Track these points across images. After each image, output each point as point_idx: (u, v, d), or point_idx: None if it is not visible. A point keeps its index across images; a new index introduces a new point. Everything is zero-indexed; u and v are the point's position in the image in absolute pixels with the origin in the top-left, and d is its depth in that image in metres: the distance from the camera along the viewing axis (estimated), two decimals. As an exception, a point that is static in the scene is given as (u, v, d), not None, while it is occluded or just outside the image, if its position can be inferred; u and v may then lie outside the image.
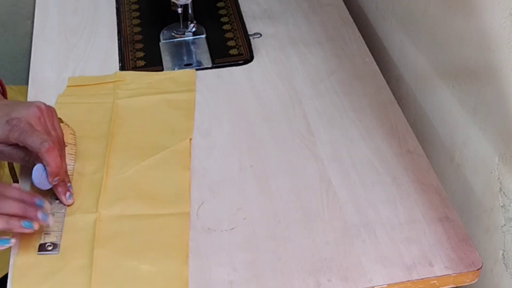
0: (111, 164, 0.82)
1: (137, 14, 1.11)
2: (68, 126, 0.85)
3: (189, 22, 1.04)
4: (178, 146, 0.85)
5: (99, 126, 0.88)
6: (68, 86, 0.95)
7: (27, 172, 0.82)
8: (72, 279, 0.71)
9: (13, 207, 0.72)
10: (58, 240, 0.74)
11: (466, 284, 0.73)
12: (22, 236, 0.73)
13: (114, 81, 0.95)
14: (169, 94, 0.93)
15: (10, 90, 1.14)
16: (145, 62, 1.00)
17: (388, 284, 0.70)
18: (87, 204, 0.78)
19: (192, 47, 1.04)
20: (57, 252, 0.73)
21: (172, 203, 0.78)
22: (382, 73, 0.97)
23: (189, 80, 0.96)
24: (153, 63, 1.00)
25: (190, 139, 0.87)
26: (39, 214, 0.72)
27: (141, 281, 0.70)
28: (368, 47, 1.02)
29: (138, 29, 1.07)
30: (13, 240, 0.72)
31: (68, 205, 0.77)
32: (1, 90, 0.87)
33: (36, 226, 0.72)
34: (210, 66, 1.00)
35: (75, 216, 0.77)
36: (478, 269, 0.72)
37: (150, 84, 0.95)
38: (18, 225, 0.71)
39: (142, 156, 0.84)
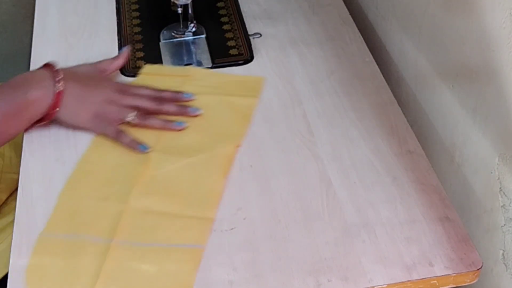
0: (152, 158, 0.83)
1: (137, 14, 1.11)
2: None
3: (189, 22, 1.04)
4: (222, 151, 0.84)
5: None
6: (141, 74, 0.97)
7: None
8: (85, 263, 0.72)
9: (148, 104, 0.87)
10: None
11: (466, 284, 0.73)
12: None
13: (185, 76, 0.96)
14: (232, 97, 0.93)
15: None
16: (145, 62, 1.00)
17: (388, 284, 0.70)
18: (119, 193, 0.79)
19: (192, 47, 1.04)
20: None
21: (198, 206, 0.78)
22: (382, 73, 0.97)
23: (256, 86, 0.95)
24: (153, 63, 1.00)
25: (237, 146, 0.86)
26: (190, 109, 0.89)
27: (148, 281, 0.71)
28: (368, 47, 1.02)
29: (138, 29, 1.07)
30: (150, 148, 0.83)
31: None
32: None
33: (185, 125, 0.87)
34: (210, 66, 1.00)
35: (105, 203, 0.78)
36: (478, 269, 0.72)
37: (217, 84, 0.95)
38: (158, 123, 0.86)
39: (184, 154, 0.84)
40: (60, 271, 0.71)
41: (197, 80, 0.96)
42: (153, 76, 0.97)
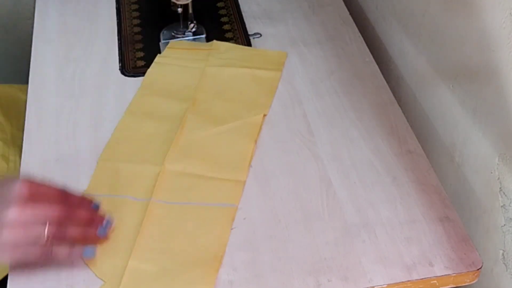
0: (186, 126, 0.87)
1: (137, 14, 1.11)
2: None
3: (189, 22, 1.04)
4: (251, 119, 0.89)
5: (185, 89, 0.93)
6: (168, 48, 1.01)
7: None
8: (125, 219, 0.75)
9: (57, 211, 0.67)
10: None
11: (466, 284, 0.73)
12: None
13: (209, 49, 1.00)
14: (257, 70, 0.97)
15: (12, 88, 1.14)
16: (145, 62, 1.00)
17: (388, 284, 0.70)
18: (155, 157, 0.83)
19: (192, 47, 1.04)
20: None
21: (230, 169, 0.82)
22: (382, 73, 0.97)
23: (279, 60, 1.00)
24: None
25: (264, 115, 0.90)
26: (100, 231, 0.72)
27: (184, 237, 0.74)
28: (368, 47, 1.02)
29: (138, 29, 1.07)
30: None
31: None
32: None
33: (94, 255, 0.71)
34: (210, 66, 1.00)
35: (143, 166, 0.82)
36: (478, 269, 0.72)
37: (241, 57, 1.00)
38: (77, 231, 0.69)
39: (216, 123, 0.88)
40: None
41: (222, 53, 1.00)
42: (178, 50, 1.01)
